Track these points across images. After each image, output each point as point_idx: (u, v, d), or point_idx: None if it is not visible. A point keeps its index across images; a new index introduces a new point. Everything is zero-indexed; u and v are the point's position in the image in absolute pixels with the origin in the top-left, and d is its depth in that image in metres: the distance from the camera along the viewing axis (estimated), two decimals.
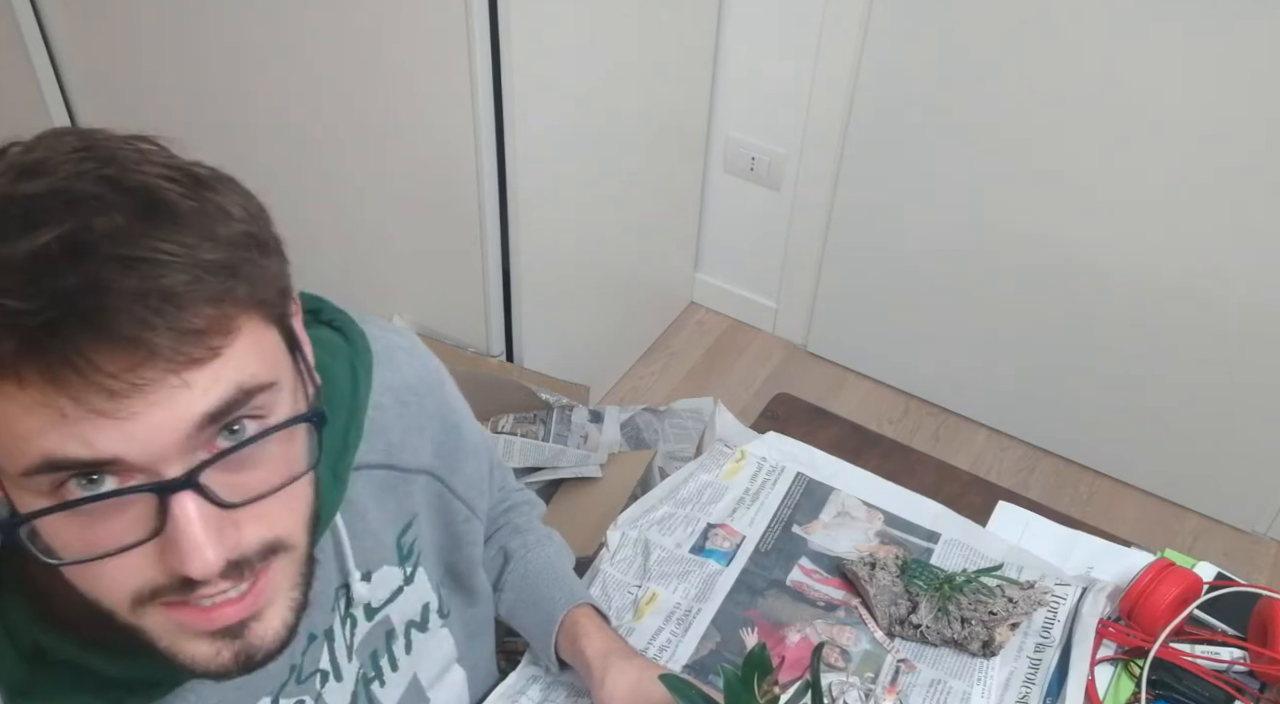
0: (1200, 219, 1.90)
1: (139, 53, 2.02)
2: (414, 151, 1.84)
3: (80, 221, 0.52)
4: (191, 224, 0.55)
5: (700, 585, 1.13)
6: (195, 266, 0.53)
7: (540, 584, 1.03)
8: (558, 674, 1.03)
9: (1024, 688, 1.05)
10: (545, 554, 1.06)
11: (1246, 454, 2.10)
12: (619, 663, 0.95)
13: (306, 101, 1.89)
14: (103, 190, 0.54)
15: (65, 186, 0.53)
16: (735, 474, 1.24)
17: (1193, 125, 1.83)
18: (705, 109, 2.29)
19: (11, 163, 0.56)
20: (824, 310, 2.45)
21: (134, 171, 0.55)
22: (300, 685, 0.80)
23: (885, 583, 1.10)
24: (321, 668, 0.82)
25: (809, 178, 2.27)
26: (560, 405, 1.99)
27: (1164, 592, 1.06)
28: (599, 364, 2.34)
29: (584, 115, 1.92)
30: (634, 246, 2.31)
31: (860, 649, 1.08)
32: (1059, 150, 1.96)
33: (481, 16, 1.62)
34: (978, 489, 1.27)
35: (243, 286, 0.56)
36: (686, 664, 1.05)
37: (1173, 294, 2.00)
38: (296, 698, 0.79)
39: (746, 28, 2.16)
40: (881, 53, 2.04)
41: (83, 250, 0.51)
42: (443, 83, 1.71)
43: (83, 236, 0.51)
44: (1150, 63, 1.81)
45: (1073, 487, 2.27)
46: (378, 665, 0.89)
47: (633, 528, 1.18)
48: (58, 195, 0.53)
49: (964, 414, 2.39)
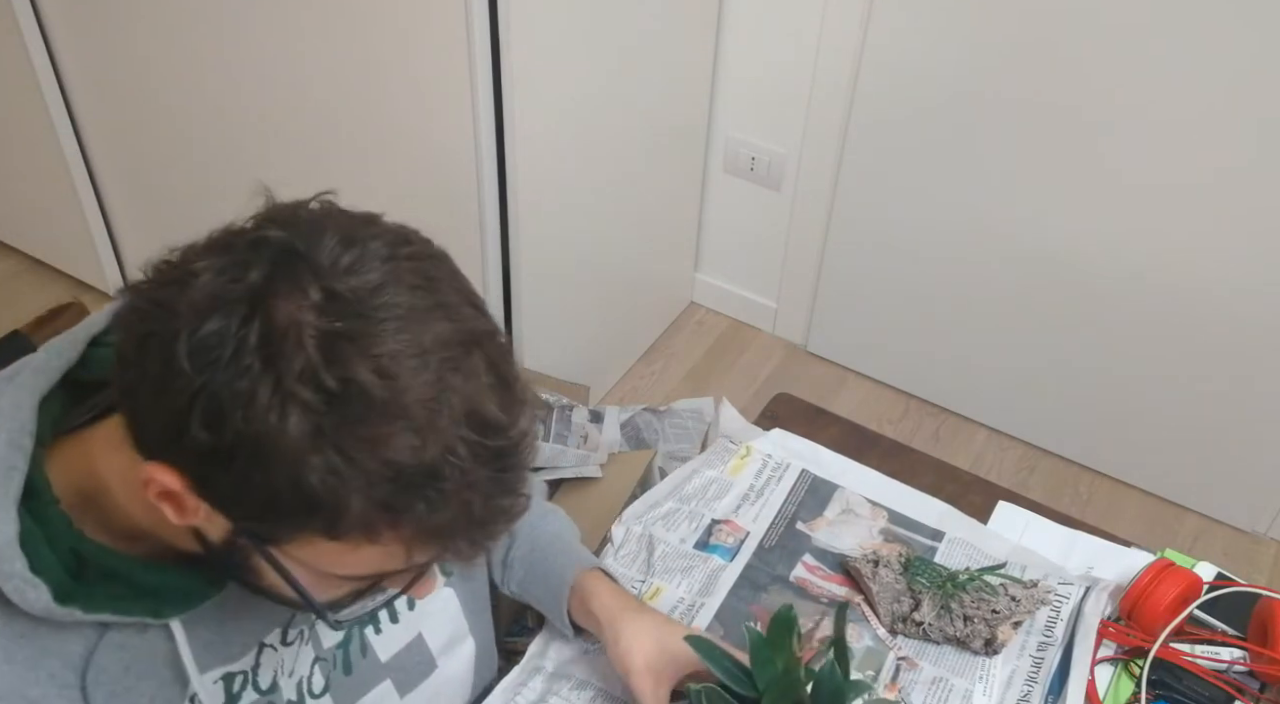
0: (1200, 220, 1.90)
1: (139, 53, 2.02)
2: (414, 151, 1.84)
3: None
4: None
5: (704, 581, 1.13)
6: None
7: (549, 555, 1.04)
8: (573, 639, 1.04)
9: (1026, 686, 1.05)
10: (551, 527, 1.07)
11: (1246, 454, 2.11)
12: (631, 618, 0.96)
13: (306, 102, 1.89)
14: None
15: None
16: (740, 470, 1.24)
17: (1194, 126, 1.83)
18: (705, 109, 2.29)
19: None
20: (824, 310, 2.45)
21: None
22: (305, 615, 0.82)
23: (888, 580, 1.10)
24: None
25: (809, 178, 2.27)
26: (560, 405, 1.99)
27: (1164, 592, 1.06)
28: (599, 364, 2.34)
29: (584, 115, 1.92)
30: (634, 247, 2.31)
31: (863, 646, 1.08)
32: (1059, 151, 1.96)
33: (481, 16, 1.62)
34: (978, 489, 1.27)
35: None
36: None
37: (1173, 294, 2.00)
38: (298, 627, 0.82)
39: (746, 28, 2.16)
40: (881, 52, 2.04)
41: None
42: (443, 83, 1.71)
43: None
44: (1151, 63, 1.81)
45: (1073, 487, 2.27)
46: (373, 611, 0.89)
47: (637, 523, 1.18)
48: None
49: (964, 414, 2.39)
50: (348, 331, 0.58)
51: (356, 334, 0.58)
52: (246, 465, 0.58)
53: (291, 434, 0.57)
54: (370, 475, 0.58)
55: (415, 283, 0.61)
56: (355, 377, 0.57)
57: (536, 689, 1.03)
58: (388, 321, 0.59)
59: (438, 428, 0.59)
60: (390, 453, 0.58)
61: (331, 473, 0.58)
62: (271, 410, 0.57)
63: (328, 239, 0.61)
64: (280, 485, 0.58)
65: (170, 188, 2.22)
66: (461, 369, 0.60)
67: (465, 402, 0.60)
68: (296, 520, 0.60)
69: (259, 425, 0.57)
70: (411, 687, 0.93)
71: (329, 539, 0.61)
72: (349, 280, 0.59)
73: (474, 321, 0.63)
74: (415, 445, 0.58)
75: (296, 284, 0.58)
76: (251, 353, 0.57)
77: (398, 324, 0.59)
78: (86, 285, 2.49)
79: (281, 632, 0.81)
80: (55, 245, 2.50)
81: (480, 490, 0.61)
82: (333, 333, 0.58)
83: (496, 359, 0.63)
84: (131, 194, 2.30)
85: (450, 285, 0.64)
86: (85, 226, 2.35)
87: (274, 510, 0.60)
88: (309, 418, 0.57)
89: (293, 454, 0.57)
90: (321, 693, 0.85)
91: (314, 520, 0.60)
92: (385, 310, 0.59)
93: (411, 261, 0.62)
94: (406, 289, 0.60)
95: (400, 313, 0.59)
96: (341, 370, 0.57)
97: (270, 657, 0.79)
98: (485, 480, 0.61)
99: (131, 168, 2.25)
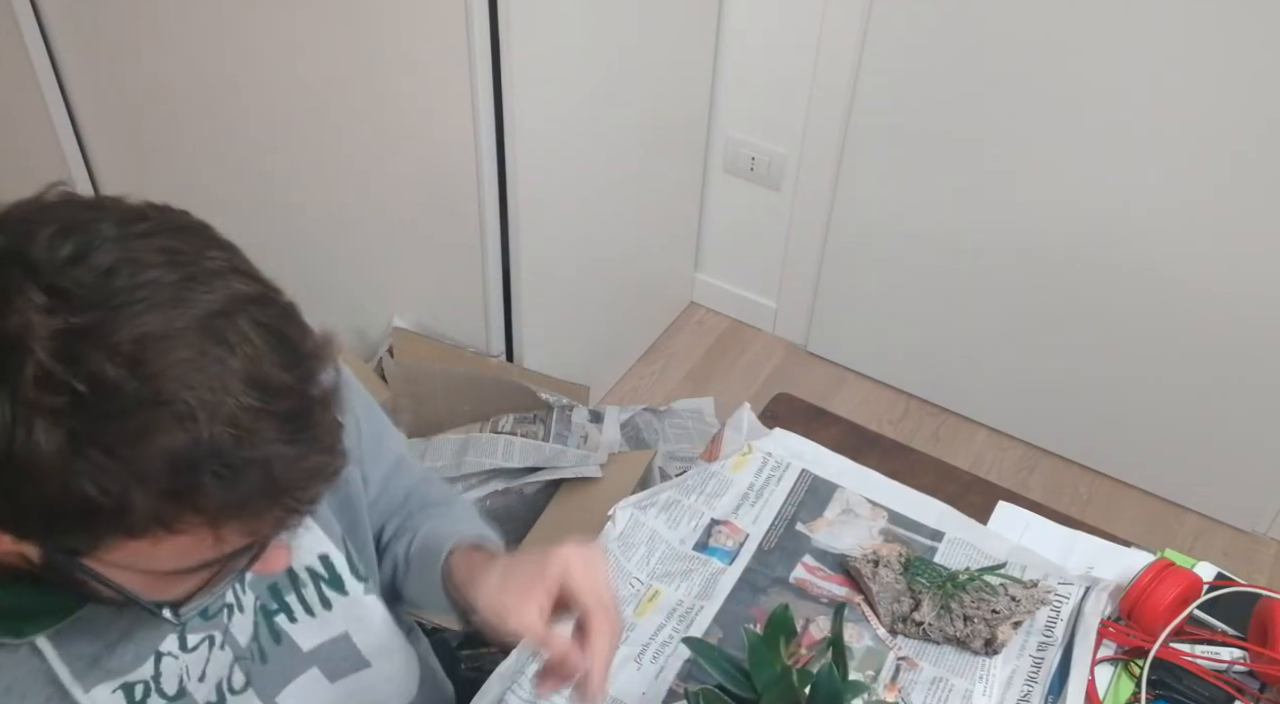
0: (1200, 219, 1.90)
1: (139, 54, 2.02)
2: (414, 151, 1.84)
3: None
4: None
5: (703, 584, 1.13)
6: None
7: (426, 549, 0.97)
8: (467, 629, 0.93)
9: (1026, 686, 1.05)
10: (433, 522, 1.00)
11: (1246, 454, 2.10)
12: (479, 580, 0.87)
13: (306, 102, 1.89)
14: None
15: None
16: (741, 467, 1.24)
17: (1195, 125, 1.83)
18: (705, 109, 2.29)
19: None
20: (824, 310, 2.45)
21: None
22: (208, 621, 0.80)
23: (888, 580, 1.10)
24: (227, 601, 0.82)
25: (809, 178, 2.27)
26: (560, 405, 1.99)
27: (1164, 592, 1.06)
28: (599, 364, 2.34)
29: (584, 115, 1.92)
30: (634, 247, 2.31)
31: (862, 646, 1.08)
32: (1060, 150, 1.96)
33: (481, 16, 1.62)
34: (978, 489, 1.27)
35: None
36: (688, 660, 1.05)
37: (1173, 294, 2.00)
38: (204, 633, 0.80)
39: (746, 28, 2.16)
40: (882, 53, 2.04)
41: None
42: (443, 83, 1.71)
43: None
44: (1152, 63, 1.81)
45: (1073, 487, 2.27)
46: (282, 600, 0.87)
47: (641, 511, 1.18)
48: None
49: (964, 414, 2.39)
50: (82, 327, 0.55)
51: (92, 327, 0.55)
52: (13, 486, 0.56)
53: (44, 447, 0.54)
54: (143, 469, 0.56)
55: (157, 260, 0.58)
56: (99, 372, 0.54)
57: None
58: (127, 306, 0.55)
59: (207, 404, 0.56)
60: (161, 441, 0.55)
61: (103, 476, 0.55)
62: (18, 426, 0.54)
63: (42, 232, 0.57)
64: (54, 498, 0.56)
65: (170, 188, 2.21)
66: (227, 339, 0.57)
67: (238, 369, 0.57)
68: (91, 528, 0.58)
69: (8, 445, 0.54)
70: (342, 675, 0.92)
71: (130, 538, 0.59)
72: (73, 272, 0.56)
73: (235, 287, 0.59)
74: (186, 428, 0.56)
75: (16, 287, 0.55)
76: None
77: (141, 307, 0.56)
78: None
79: (179, 639, 0.78)
80: None
81: (278, 455, 0.59)
82: (67, 331, 0.55)
83: (268, 320, 0.60)
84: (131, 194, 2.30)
85: (205, 256, 0.60)
86: None
87: (60, 523, 0.58)
88: (60, 426, 0.54)
89: (53, 465, 0.55)
90: (243, 688, 0.84)
91: (102, 525, 0.58)
92: (123, 294, 0.56)
93: (148, 239, 0.59)
94: (146, 268, 0.57)
95: (142, 295, 0.56)
96: (80, 369, 0.54)
97: (171, 664, 0.77)
98: (280, 444, 0.59)
99: (131, 167, 2.25)
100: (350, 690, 0.93)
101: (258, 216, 2.15)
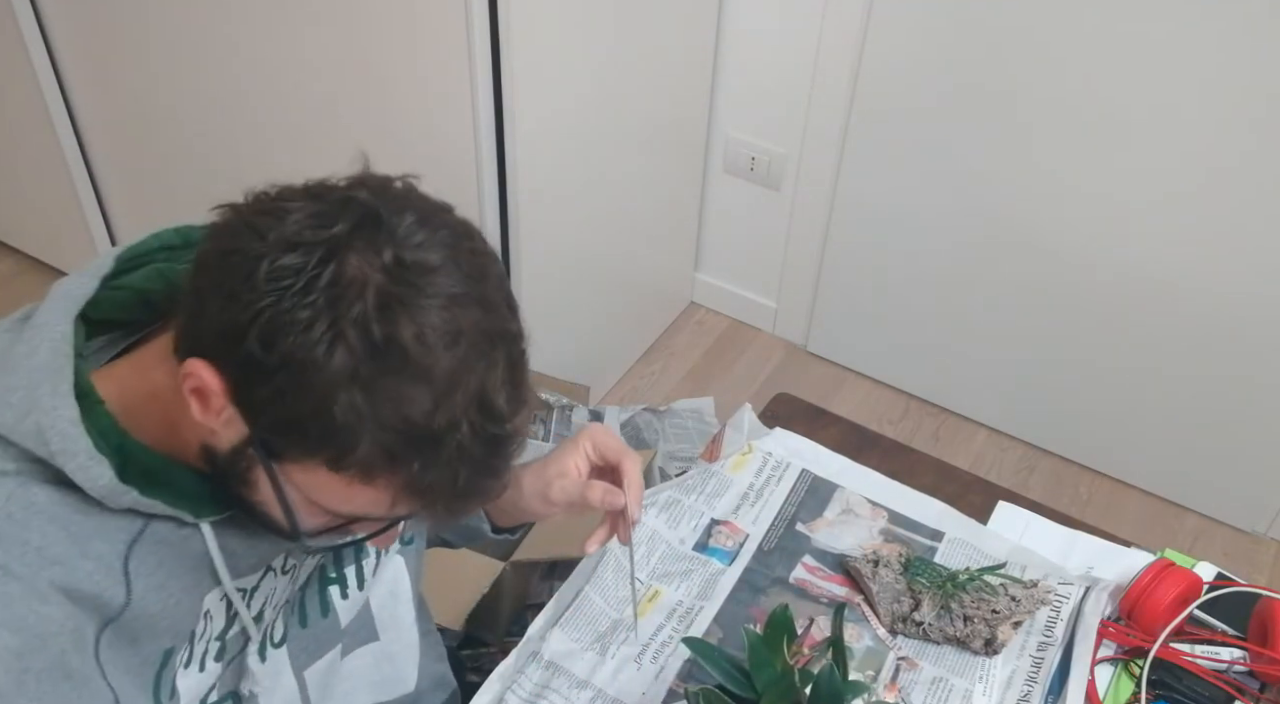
0: (1200, 219, 1.90)
1: (139, 53, 2.02)
2: (414, 151, 1.84)
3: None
4: None
5: (702, 584, 1.13)
6: None
7: None
8: (493, 537, 1.07)
9: (1026, 686, 1.05)
10: None
11: (1246, 454, 2.11)
12: (532, 470, 1.00)
13: (306, 102, 1.89)
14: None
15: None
16: (741, 467, 1.24)
17: (1195, 125, 1.83)
18: (705, 109, 2.29)
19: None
20: (824, 310, 2.45)
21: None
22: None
23: (888, 580, 1.10)
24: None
25: (809, 178, 2.27)
26: (560, 405, 1.99)
27: (1164, 592, 1.06)
28: (599, 364, 2.34)
29: (584, 115, 1.92)
30: (634, 246, 2.31)
31: (863, 646, 1.08)
32: (1060, 150, 1.96)
33: (481, 16, 1.62)
34: (978, 489, 1.27)
35: None
36: (688, 660, 1.05)
37: (1173, 294, 2.00)
38: (292, 559, 0.87)
39: (746, 28, 2.16)
40: (881, 53, 2.04)
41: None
42: (443, 82, 1.71)
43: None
44: (1152, 62, 1.81)
45: (1073, 487, 2.27)
46: (341, 571, 0.92)
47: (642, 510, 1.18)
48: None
49: (964, 414, 2.39)
50: (402, 296, 0.64)
51: (409, 300, 0.65)
52: (284, 383, 0.64)
53: (333, 367, 0.63)
54: (384, 423, 0.65)
55: (468, 273, 0.68)
56: (398, 336, 0.64)
57: (534, 678, 1.03)
58: (436, 297, 0.65)
59: (452, 401, 0.66)
60: (408, 409, 0.65)
61: (353, 410, 0.64)
62: (321, 342, 0.63)
63: (408, 215, 0.68)
64: (307, 409, 0.65)
65: (170, 187, 2.22)
66: (485, 358, 0.67)
67: (480, 387, 0.67)
68: (309, 444, 0.67)
69: (307, 352, 0.63)
70: (351, 649, 0.96)
71: (330, 470, 0.67)
72: (416, 254, 0.66)
73: (506, 321, 0.70)
74: (429, 410, 0.65)
75: (372, 244, 0.65)
76: (319, 291, 0.64)
77: (444, 301, 0.66)
78: None
79: (283, 557, 0.85)
80: (55, 245, 2.50)
81: (470, 465, 0.68)
82: (391, 293, 0.64)
83: (515, 359, 0.70)
84: (131, 194, 2.31)
85: (495, 284, 0.70)
86: (85, 226, 2.35)
87: (294, 430, 0.66)
88: (350, 358, 0.63)
89: (327, 385, 0.64)
90: (280, 643, 0.88)
91: (325, 449, 0.66)
92: (437, 287, 0.66)
93: (469, 255, 0.69)
94: (460, 277, 0.67)
95: (450, 294, 0.66)
96: (389, 327, 0.64)
97: (269, 581, 0.84)
98: (477, 459, 0.68)
99: (131, 167, 2.25)
100: (353, 668, 0.96)
101: None
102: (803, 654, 0.84)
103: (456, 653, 1.27)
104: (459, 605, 1.58)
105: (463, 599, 1.59)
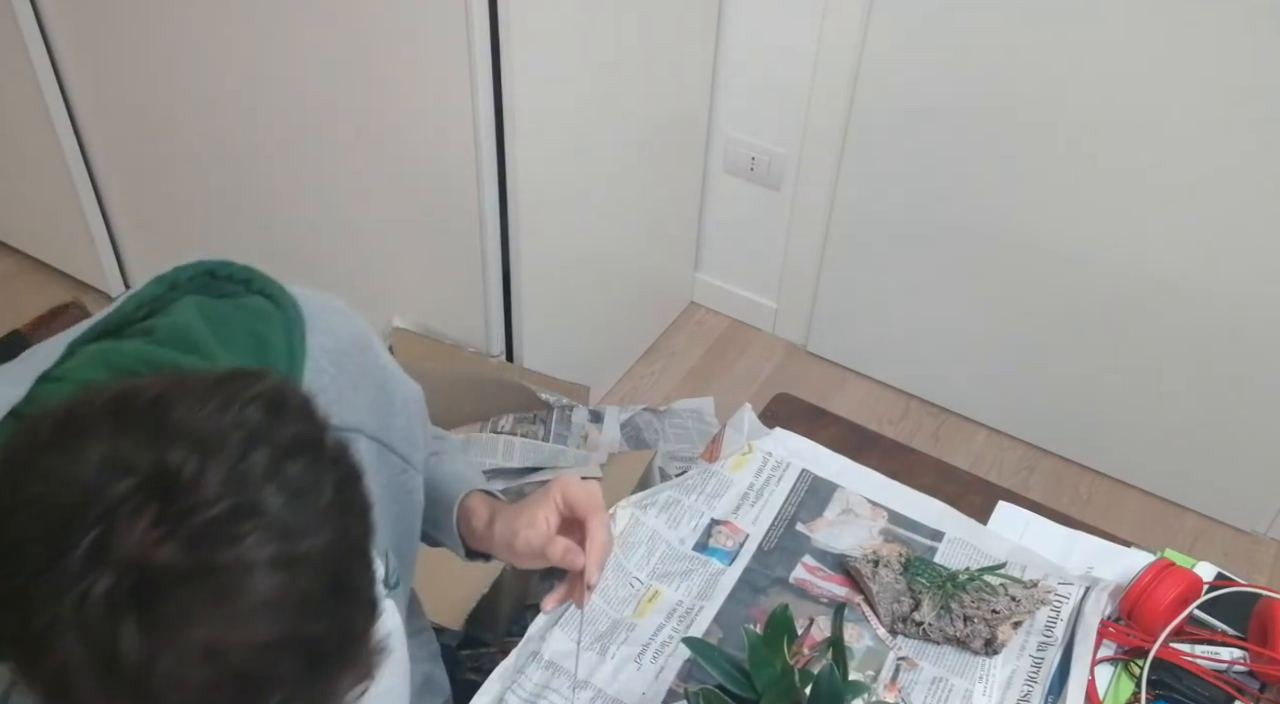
0: (1201, 218, 1.91)
1: (139, 54, 2.02)
2: (414, 152, 1.84)
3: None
4: None
5: (702, 584, 1.13)
6: None
7: (439, 487, 1.04)
8: (466, 561, 1.06)
9: (1026, 686, 1.05)
10: (444, 465, 1.07)
11: (1246, 454, 2.11)
12: (504, 515, 0.99)
13: (307, 102, 1.89)
14: None
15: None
16: (741, 467, 1.24)
17: (1194, 124, 1.83)
18: (705, 109, 2.29)
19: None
20: (824, 310, 2.45)
21: None
22: None
23: (888, 580, 1.10)
24: None
25: (809, 178, 2.27)
26: (560, 405, 1.99)
27: (1164, 592, 1.06)
28: (599, 364, 2.34)
29: (584, 115, 1.92)
30: (634, 246, 2.31)
31: (862, 646, 1.08)
32: (1060, 150, 1.97)
33: (481, 16, 1.62)
34: (978, 489, 1.27)
35: None
36: (688, 660, 1.05)
37: (1173, 294, 2.00)
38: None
39: (746, 28, 2.16)
40: (881, 52, 2.04)
41: None
42: (443, 83, 1.71)
43: None
44: (1152, 62, 1.81)
45: (1073, 487, 2.27)
46: None
47: (641, 510, 1.18)
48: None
49: (964, 414, 2.39)
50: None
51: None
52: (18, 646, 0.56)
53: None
54: None
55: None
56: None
57: (534, 678, 1.03)
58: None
59: None
60: None
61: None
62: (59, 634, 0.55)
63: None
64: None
65: (170, 187, 2.22)
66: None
67: None
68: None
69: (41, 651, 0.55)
70: None
71: None
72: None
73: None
74: None
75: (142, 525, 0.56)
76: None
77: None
78: (86, 285, 2.49)
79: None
80: (55, 245, 2.50)
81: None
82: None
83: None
84: (131, 194, 2.31)
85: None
86: (85, 226, 2.35)
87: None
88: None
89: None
90: None
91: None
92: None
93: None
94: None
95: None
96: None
97: None
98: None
99: (131, 167, 2.25)
100: None
101: (258, 217, 2.15)
102: (803, 654, 0.84)
103: (456, 653, 1.27)
104: (459, 605, 1.58)
105: (463, 599, 1.59)
